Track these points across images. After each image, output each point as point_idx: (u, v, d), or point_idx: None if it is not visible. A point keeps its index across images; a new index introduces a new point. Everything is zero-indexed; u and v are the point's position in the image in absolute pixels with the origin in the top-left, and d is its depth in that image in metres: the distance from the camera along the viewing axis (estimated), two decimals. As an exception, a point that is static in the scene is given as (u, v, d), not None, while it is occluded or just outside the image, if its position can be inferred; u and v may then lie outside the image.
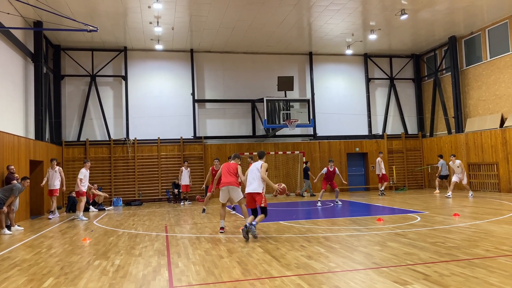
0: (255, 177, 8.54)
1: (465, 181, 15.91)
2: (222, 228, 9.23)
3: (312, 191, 19.71)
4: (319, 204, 14.52)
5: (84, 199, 13.24)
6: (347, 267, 5.69)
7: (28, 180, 11.74)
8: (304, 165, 20.00)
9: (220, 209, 9.37)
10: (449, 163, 16.28)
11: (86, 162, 13.71)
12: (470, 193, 15.91)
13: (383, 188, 18.11)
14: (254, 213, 8.46)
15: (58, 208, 16.96)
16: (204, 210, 13.20)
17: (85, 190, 13.34)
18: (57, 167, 14.00)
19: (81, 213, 12.97)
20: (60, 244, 8.44)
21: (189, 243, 7.99)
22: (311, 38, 19.26)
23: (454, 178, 15.84)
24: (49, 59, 18.10)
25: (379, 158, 18.18)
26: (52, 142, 17.67)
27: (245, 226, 7.99)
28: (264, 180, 8.49)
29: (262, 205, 8.29)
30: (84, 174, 13.32)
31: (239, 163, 9.65)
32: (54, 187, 13.76)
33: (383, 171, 18.01)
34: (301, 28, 17.85)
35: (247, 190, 8.51)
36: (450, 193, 15.80)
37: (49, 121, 17.71)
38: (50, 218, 13.34)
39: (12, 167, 11.66)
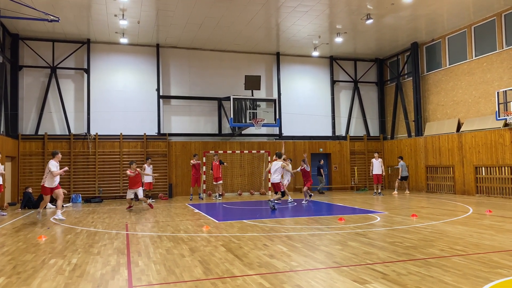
0: (276, 172, 12.84)
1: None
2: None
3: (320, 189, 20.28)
4: (290, 201, 15.34)
5: (48, 198, 11.30)
6: (308, 266, 5.75)
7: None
8: (318, 163, 20.44)
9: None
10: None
11: (57, 153, 11.36)
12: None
13: (379, 189, 18.68)
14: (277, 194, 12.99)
15: (12, 204, 16.27)
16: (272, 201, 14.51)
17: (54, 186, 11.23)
18: None
19: (60, 211, 11.34)
20: (13, 242, 8.07)
21: (150, 242, 7.85)
22: (279, 38, 19.37)
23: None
24: (6, 48, 17.27)
25: (375, 159, 18.61)
26: (8, 135, 16.89)
27: (269, 200, 12.97)
28: (289, 171, 14.60)
29: (282, 190, 13.32)
30: (56, 166, 11.09)
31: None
32: None
33: (378, 171, 18.43)
34: (269, 28, 17.91)
35: (272, 181, 13.12)
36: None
37: (5, 113, 16.90)
38: (4, 215, 12.75)
39: None
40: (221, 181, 17.81)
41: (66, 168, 12.25)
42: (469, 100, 17.94)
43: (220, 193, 17.89)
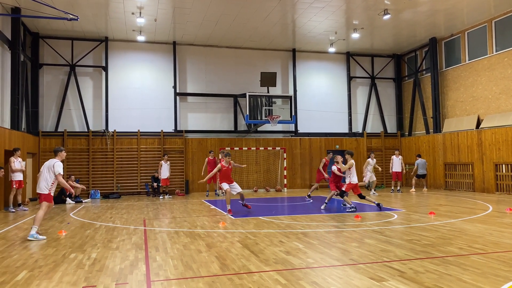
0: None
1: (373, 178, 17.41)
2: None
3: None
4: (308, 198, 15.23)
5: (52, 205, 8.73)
6: (324, 263, 5.75)
7: (2, 170, 11.49)
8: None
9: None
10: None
11: (61, 150, 8.74)
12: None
13: (399, 186, 18.45)
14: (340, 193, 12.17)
15: (33, 200, 16.63)
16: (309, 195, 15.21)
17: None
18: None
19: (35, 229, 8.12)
20: (35, 237, 8.26)
21: (168, 237, 7.94)
22: (295, 34, 19.29)
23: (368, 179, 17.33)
24: (27, 47, 17.63)
25: (395, 156, 18.40)
26: (29, 132, 17.26)
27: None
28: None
29: (343, 189, 12.05)
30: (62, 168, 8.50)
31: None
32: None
33: (398, 169, 18.18)
34: (285, 24, 17.85)
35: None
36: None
37: (26, 111, 17.28)
38: (25, 210, 13.06)
39: None
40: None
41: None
42: (489, 96, 17.59)
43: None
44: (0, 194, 13.20)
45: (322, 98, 21.98)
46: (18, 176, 12.99)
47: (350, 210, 11.35)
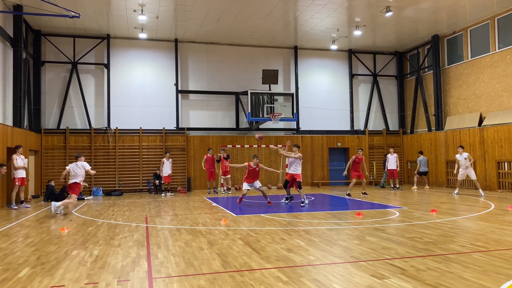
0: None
1: (474, 177, 14.87)
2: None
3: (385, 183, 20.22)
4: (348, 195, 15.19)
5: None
6: (326, 261, 5.75)
7: (4, 168, 11.53)
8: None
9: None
10: (456, 155, 15.46)
11: (80, 156, 11.88)
12: (482, 192, 14.68)
13: (397, 184, 18.41)
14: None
15: (35, 197, 16.68)
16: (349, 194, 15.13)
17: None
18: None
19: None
20: (37, 234, 8.30)
21: (169, 235, 7.96)
22: (297, 32, 19.26)
23: (460, 177, 15.21)
24: (29, 44, 17.65)
25: (390, 154, 18.34)
26: (31, 129, 17.31)
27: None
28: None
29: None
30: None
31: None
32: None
33: (393, 167, 18.16)
34: (287, 21, 17.82)
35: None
36: (458, 189, 15.46)
37: (28, 108, 17.32)
38: (28, 207, 13.10)
39: None
40: (229, 175, 17.89)
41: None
42: (491, 93, 17.55)
43: (229, 187, 17.94)
44: (3, 191, 13.24)
45: (324, 96, 21.96)
46: (21, 173, 13.02)
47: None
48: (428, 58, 21.15)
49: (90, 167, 11.84)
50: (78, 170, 11.40)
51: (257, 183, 13.09)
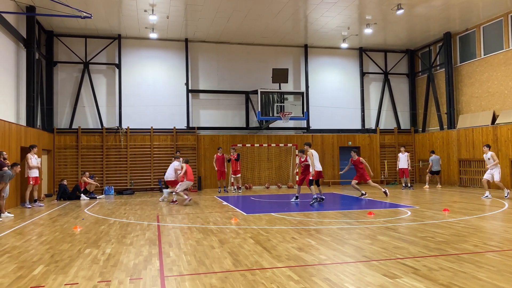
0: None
1: (497, 178, 13.28)
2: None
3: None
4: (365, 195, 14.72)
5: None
6: (337, 260, 5.74)
7: (19, 167, 11.67)
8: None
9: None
10: (483, 155, 14.12)
11: (178, 157, 14.85)
12: (506, 191, 13.35)
13: (409, 183, 18.25)
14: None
15: (48, 195, 16.89)
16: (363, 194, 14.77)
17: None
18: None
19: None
20: (50, 232, 8.40)
21: (181, 233, 8.00)
22: (307, 30, 19.20)
23: (486, 176, 13.67)
24: (41, 45, 17.86)
25: (401, 153, 18.20)
26: (44, 129, 17.52)
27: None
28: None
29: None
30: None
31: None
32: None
33: (404, 166, 18.00)
34: (297, 20, 17.77)
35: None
36: (487, 193, 13.46)
37: (41, 108, 17.54)
38: (41, 206, 13.27)
39: (5, 153, 11.51)
40: (239, 174, 17.89)
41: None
42: (505, 91, 17.30)
43: (240, 186, 17.95)
44: (17, 190, 13.43)
45: (335, 94, 21.86)
46: (35, 173, 13.23)
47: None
48: (440, 56, 20.92)
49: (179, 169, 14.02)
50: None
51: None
